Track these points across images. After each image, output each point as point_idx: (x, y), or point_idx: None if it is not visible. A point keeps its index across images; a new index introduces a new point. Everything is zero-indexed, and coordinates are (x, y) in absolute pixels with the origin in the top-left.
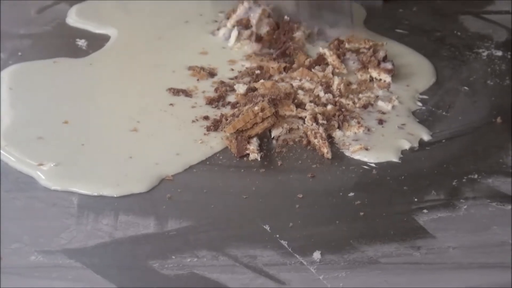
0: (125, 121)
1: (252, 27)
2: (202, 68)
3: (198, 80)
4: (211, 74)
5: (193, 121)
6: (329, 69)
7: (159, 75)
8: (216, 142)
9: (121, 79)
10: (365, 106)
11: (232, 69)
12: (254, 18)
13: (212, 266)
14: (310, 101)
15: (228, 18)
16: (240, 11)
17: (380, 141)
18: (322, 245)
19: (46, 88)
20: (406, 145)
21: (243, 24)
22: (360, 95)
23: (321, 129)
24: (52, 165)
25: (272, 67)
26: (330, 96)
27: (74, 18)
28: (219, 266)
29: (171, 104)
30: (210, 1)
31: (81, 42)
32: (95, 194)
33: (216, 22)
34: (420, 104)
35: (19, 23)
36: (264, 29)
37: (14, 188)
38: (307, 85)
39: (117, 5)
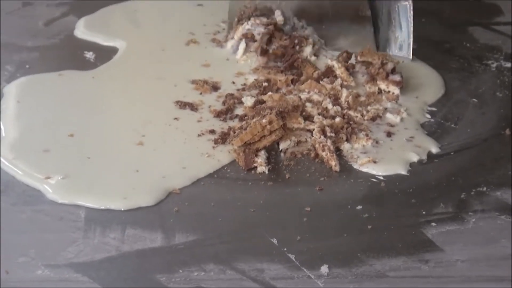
0: (130, 134)
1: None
2: (205, 82)
3: (201, 93)
4: (215, 88)
5: (199, 135)
6: (338, 81)
7: (163, 89)
8: (223, 155)
9: (126, 92)
10: (373, 119)
11: (234, 82)
12: (258, 33)
13: (219, 280)
14: (318, 114)
15: (234, 30)
16: (242, 29)
17: (389, 153)
18: (330, 258)
19: (52, 101)
20: (415, 158)
21: (249, 37)
22: (369, 108)
23: (329, 142)
24: (59, 178)
25: (279, 80)
26: (339, 108)
27: (82, 30)
28: (227, 280)
29: (175, 118)
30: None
31: (89, 55)
32: (102, 207)
33: (219, 33)
34: (428, 116)
35: (27, 36)
36: (274, 45)
37: (21, 201)
38: (315, 97)
39: (125, 17)
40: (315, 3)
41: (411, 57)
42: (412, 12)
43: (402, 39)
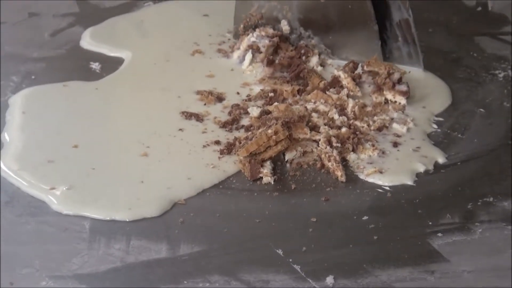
0: (134, 145)
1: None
2: (210, 93)
3: (205, 104)
4: (219, 98)
5: (204, 146)
6: (344, 91)
7: (167, 99)
8: (229, 165)
9: (130, 103)
10: (379, 129)
11: (238, 93)
12: (263, 45)
13: None
14: (324, 124)
15: (240, 41)
16: (248, 40)
17: (395, 164)
18: (335, 269)
19: (57, 112)
20: (421, 168)
21: (255, 48)
22: (375, 118)
23: (335, 152)
24: (64, 189)
25: (286, 90)
26: (345, 118)
27: (88, 41)
28: None
29: (180, 129)
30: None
31: (95, 65)
32: (107, 218)
33: (224, 43)
34: (435, 126)
35: (32, 46)
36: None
37: (26, 212)
38: (322, 107)
39: (131, 28)
40: (321, 14)
41: (422, 68)
42: (414, 26)
43: (410, 52)
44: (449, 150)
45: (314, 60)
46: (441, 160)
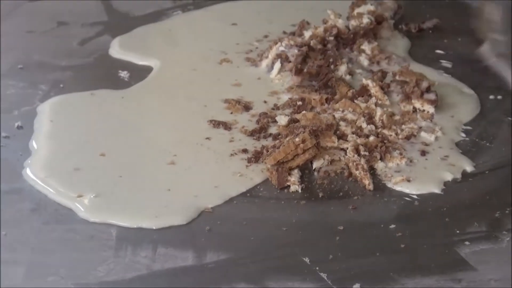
0: (161, 154)
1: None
2: (238, 102)
3: (231, 113)
4: (246, 107)
5: (231, 155)
6: (372, 100)
7: (194, 108)
8: (256, 173)
9: (157, 112)
10: (408, 138)
11: (265, 101)
12: (291, 55)
13: None
14: (352, 133)
15: (269, 50)
16: (276, 48)
17: (423, 172)
18: (362, 277)
19: (84, 120)
20: (449, 177)
21: (283, 57)
22: (403, 126)
23: (362, 161)
24: (91, 196)
25: (314, 99)
26: (373, 127)
27: (117, 49)
28: None
29: (207, 138)
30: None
31: (123, 74)
32: (134, 226)
33: (251, 52)
34: (463, 135)
35: (61, 55)
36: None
37: (52, 220)
38: (350, 116)
39: (160, 37)
40: None
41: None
42: None
43: None
44: (477, 158)
45: (342, 69)
46: (469, 168)
